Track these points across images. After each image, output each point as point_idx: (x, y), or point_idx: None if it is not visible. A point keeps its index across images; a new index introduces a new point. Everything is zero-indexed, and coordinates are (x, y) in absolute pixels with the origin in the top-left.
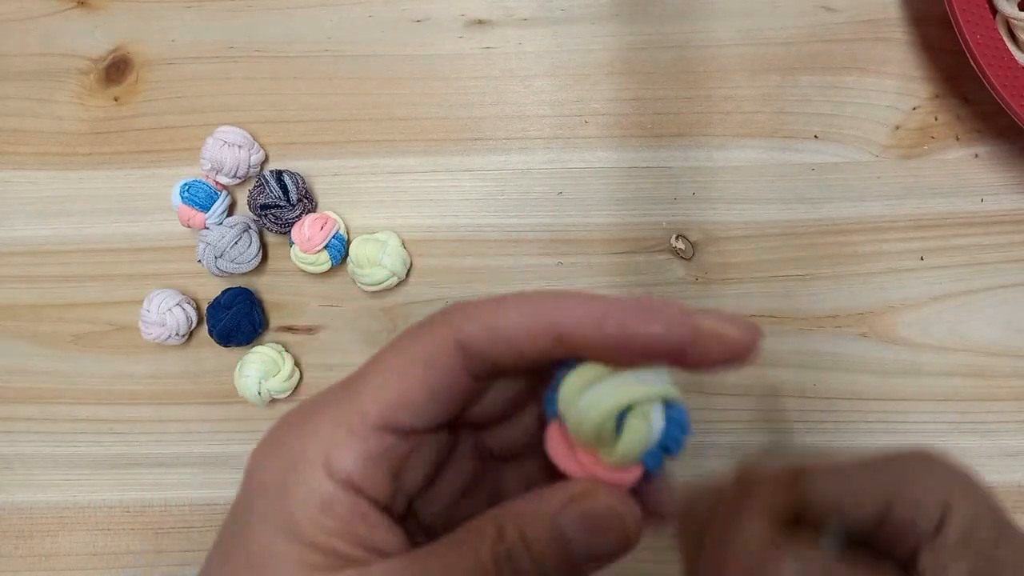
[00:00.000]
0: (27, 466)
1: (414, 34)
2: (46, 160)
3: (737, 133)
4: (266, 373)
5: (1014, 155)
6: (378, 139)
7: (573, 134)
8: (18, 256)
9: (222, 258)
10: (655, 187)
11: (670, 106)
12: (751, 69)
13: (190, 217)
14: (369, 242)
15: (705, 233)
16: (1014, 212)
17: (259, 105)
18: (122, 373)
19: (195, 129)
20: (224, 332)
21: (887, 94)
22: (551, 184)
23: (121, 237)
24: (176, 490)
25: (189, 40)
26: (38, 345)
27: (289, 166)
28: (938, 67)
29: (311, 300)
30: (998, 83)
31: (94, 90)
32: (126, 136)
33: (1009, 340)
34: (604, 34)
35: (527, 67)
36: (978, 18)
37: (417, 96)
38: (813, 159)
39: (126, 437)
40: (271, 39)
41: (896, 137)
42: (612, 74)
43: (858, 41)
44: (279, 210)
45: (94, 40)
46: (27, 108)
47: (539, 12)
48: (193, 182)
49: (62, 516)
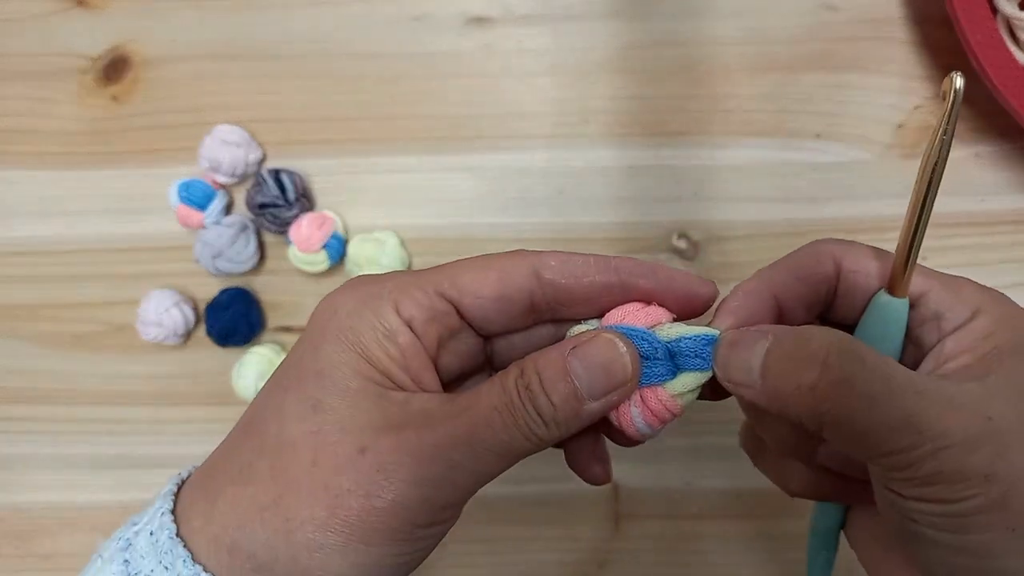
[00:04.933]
0: (26, 466)
1: (413, 32)
2: (44, 159)
3: (739, 132)
4: (264, 373)
5: (1015, 155)
6: (377, 138)
7: (574, 132)
8: (17, 256)
9: (220, 257)
10: (656, 186)
11: (671, 105)
12: (753, 68)
13: (188, 216)
14: (368, 241)
15: (707, 232)
16: (1015, 212)
17: (257, 104)
18: (120, 373)
19: (193, 128)
20: (222, 332)
21: (889, 93)
22: (551, 183)
23: (119, 237)
24: None
25: (187, 39)
26: (36, 345)
27: (287, 165)
28: (940, 66)
29: (309, 300)
30: (999, 83)
31: (92, 89)
32: (124, 135)
33: None
34: (605, 32)
35: (527, 65)
36: (979, 18)
37: (416, 94)
38: (815, 158)
39: (125, 437)
40: (269, 38)
41: (898, 136)
42: (613, 72)
43: (860, 40)
44: (277, 209)
45: (92, 39)
46: (25, 107)
47: (539, 10)
48: (191, 181)
49: (62, 516)
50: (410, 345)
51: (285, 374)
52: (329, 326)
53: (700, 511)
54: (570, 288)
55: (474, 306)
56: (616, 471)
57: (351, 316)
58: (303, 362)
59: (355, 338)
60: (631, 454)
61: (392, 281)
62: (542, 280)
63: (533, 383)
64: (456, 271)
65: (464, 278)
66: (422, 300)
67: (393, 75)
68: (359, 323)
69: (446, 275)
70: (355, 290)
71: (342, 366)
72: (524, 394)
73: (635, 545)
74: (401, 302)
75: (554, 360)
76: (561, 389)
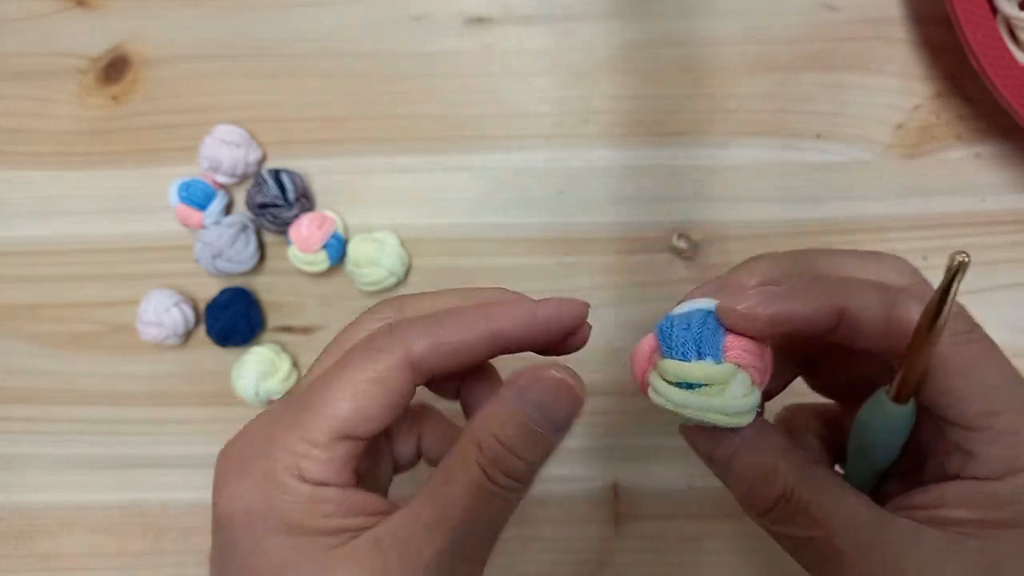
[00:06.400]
0: (26, 466)
1: (413, 32)
2: (44, 159)
3: (739, 132)
4: (264, 374)
5: (1016, 155)
6: (377, 137)
7: (574, 132)
8: (16, 256)
9: (220, 257)
10: (656, 186)
11: (671, 104)
12: (753, 67)
13: (188, 216)
14: (367, 241)
15: (707, 232)
16: (1016, 212)
17: (257, 104)
18: (120, 373)
19: (193, 128)
20: (222, 332)
21: (889, 93)
22: (551, 183)
23: (119, 237)
24: (174, 491)
25: (187, 39)
26: (36, 345)
27: (287, 165)
28: (940, 66)
29: (309, 300)
30: (999, 83)
31: (92, 89)
32: (124, 135)
33: (1011, 340)
34: (605, 31)
35: (527, 65)
36: (979, 18)
37: (416, 94)
38: (815, 158)
39: (124, 438)
40: (269, 37)
41: (898, 136)
42: (613, 72)
43: (860, 40)
44: (277, 209)
45: (92, 39)
46: (25, 107)
47: (539, 9)
48: (191, 181)
49: (61, 516)
50: (338, 496)
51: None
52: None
53: (700, 511)
54: (451, 367)
55: (372, 428)
56: (616, 471)
57: (267, 510)
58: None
59: (287, 524)
60: (631, 454)
61: (286, 448)
62: (422, 372)
63: (498, 453)
64: (330, 400)
65: (346, 409)
66: (322, 456)
67: (393, 75)
68: (279, 511)
69: (331, 412)
70: (249, 476)
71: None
72: (494, 472)
73: (635, 545)
74: (303, 469)
75: (508, 418)
76: (528, 442)
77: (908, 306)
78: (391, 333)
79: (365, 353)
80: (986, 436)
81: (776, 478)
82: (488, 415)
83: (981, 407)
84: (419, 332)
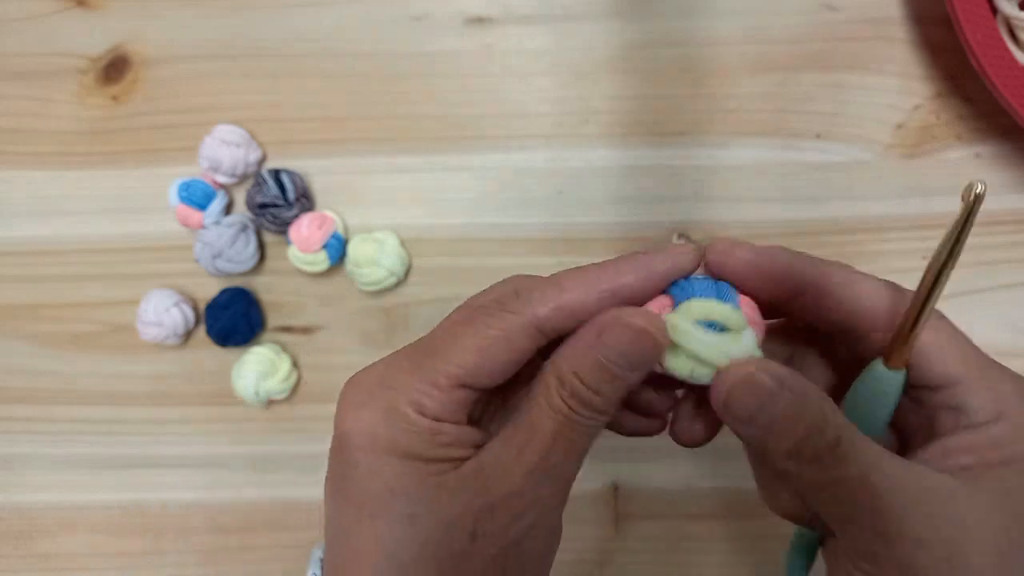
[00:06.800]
0: (26, 466)
1: (413, 32)
2: (44, 159)
3: (739, 132)
4: (264, 374)
5: (1016, 155)
6: (377, 137)
7: (574, 132)
8: (16, 256)
9: (220, 257)
10: (656, 186)
11: (671, 104)
12: (753, 67)
13: (188, 216)
14: (367, 241)
15: (707, 232)
16: (1016, 212)
17: (257, 104)
18: (120, 373)
19: (193, 128)
20: (222, 332)
21: (889, 93)
22: (551, 183)
23: (119, 237)
24: (174, 491)
25: (187, 39)
26: (36, 345)
27: (287, 165)
28: (940, 66)
29: (309, 300)
30: (999, 83)
31: (92, 89)
32: (124, 135)
33: (1011, 340)
34: (605, 31)
35: (527, 65)
36: (979, 18)
37: (416, 94)
38: (815, 158)
39: (124, 438)
40: (269, 37)
41: (898, 136)
42: (613, 72)
43: (860, 40)
44: (277, 209)
45: (92, 39)
46: (25, 107)
47: (539, 9)
48: (191, 181)
49: (61, 516)
50: (452, 429)
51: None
52: (368, 446)
53: (700, 511)
54: (572, 327)
55: (492, 382)
56: (616, 471)
57: (386, 432)
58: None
59: (404, 448)
60: (631, 454)
61: (409, 385)
62: (545, 332)
63: (577, 388)
64: (455, 350)
65: (467, 359)
66: (441, 398)
67: (393, 75)
68: (398, 435)
69: (449, 359)
70: (374, 403)
71: (401, 475)
72: (574, 403)
73: (635, 545)
74: (422, 405)
75: (585, 354)
76: (603, 379)
77: (878, 283)
78: (518, 297)
79: (495, 312)
80: (972, 387)
81: (827, 425)
82: (568, 350)
83: (962, 362)
84: (541, 296)
